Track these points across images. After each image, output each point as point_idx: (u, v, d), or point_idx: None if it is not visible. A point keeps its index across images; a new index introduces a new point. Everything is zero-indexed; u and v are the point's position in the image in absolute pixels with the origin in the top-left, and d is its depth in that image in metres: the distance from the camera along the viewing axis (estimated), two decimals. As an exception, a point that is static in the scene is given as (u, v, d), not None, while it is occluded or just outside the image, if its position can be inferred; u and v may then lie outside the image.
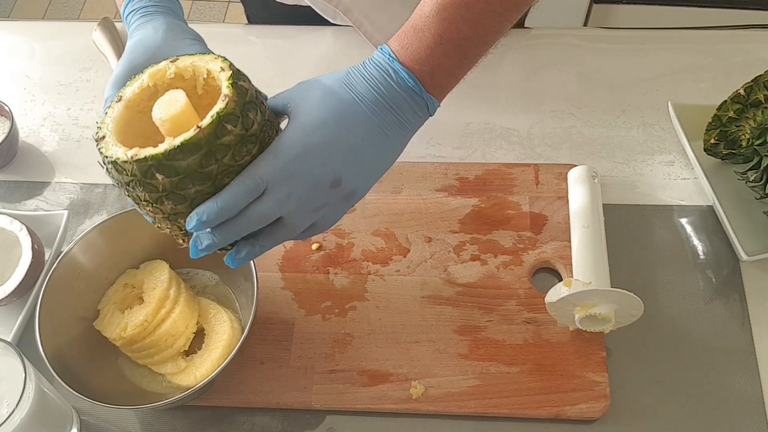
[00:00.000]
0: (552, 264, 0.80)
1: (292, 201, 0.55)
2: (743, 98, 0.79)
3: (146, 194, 0.55)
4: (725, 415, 0.71)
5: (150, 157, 0.51)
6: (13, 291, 0.76)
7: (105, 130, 0.55)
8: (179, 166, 0.52)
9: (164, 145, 0.52)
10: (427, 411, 0.72)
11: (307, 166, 0.55)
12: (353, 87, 0.57)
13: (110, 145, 0.54)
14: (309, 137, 0.55)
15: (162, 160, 0.51)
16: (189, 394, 0.66)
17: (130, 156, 0.52)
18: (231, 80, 0.54)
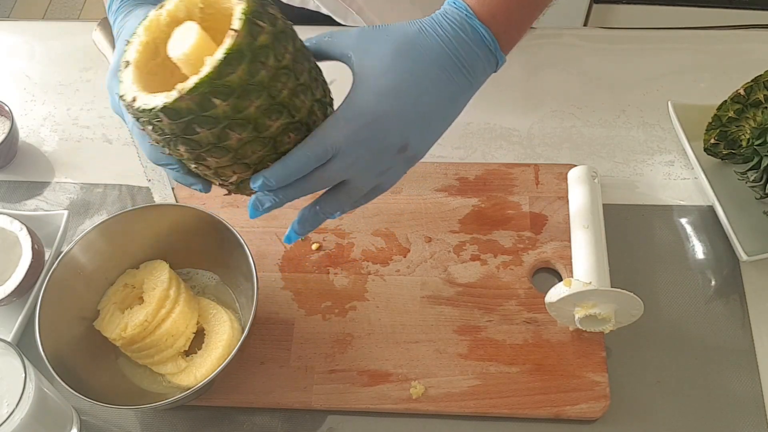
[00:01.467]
0: (552, 264, 0.80)
1: (359, 165, 0.54)
2: (743, 98, 0.79)
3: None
4: (725, 415, 0.71)
5: (200, 83, 0.47)
6: (13, 291, 0.76)
7: (132, 92, 0.51)
8: (163, 127, 0.49)
9: (153, 100, 0.49)
10: (427, 411, 0.72)
11: (378, 133, 0.53)
12: (427, 47, 0.53)
13: (148, 97, 0.49)
14: (381, 103, 0.52)
15: (214, 80, 0.47)
16: (189, 394, 0.66)
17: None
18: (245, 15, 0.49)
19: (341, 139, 0.52)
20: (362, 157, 0.53)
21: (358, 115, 0.52)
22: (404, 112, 0.53)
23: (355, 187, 0.56)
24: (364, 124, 0.52)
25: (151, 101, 0.49)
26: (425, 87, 0.54)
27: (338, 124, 0.52)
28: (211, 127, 0.49)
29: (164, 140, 0.51)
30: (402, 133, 0.54)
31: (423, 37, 0.54)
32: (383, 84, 0.53)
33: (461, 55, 0.54)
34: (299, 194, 0.54)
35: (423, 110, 0.54)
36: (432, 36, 0.54)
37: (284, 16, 0.52)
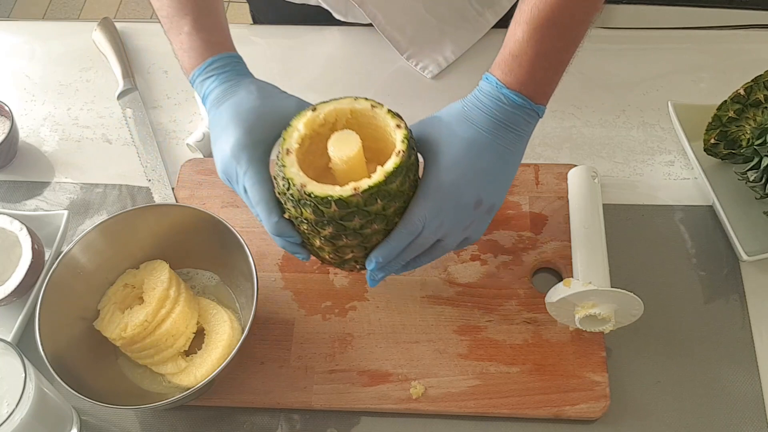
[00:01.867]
0: (552, 264, 0.80)
1: (445, 227, 0.64)
2: (743, 98, 0.79)
3: (293, 210, 0.63)
4: (725, 415, 0.71)
5: (372, 186, 0.60)
6: (13, 291, 0.76)
7: (301, 178, 0.61)
8: (326, 212, 0.61)
9: (326, 189, 0.60)
10: (427, 411, 0.72)
11: (452, 198, 0.63)
12: (473, 120, 0.64)
13: (319, 186, 0.60)
14: (449, 175, 0.63)
15: (382, 186, 0.60)
16: (189, 394, 0.66)
17: (300, 184, 0.60)
18: (407, 141, 0.61)
19: (425, 213, 0.63)
20: (446, 220, 0.64)
21: (434, 190, 0.63)
22: (467, 176, 0.63)
23: (446, 244, 0.66)
24: (440, 196, 0.63)
25: (324, 190, 0.60)
26: (480, 152, 0.64)
27: (419, 202, 0.63)
28: (363, 218, 0.61)
29: (316, 220, 0.62)
30: (471, 192, 0.64)
31: (468, 113, 0.65)
32: (446, 161, 0.63)
33: (502, 119, 0.64)
34: (403, 262, 0.66)
35: (484, 169, 0.64)
36: (475, 111, 0.64)
37: None
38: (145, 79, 1.00)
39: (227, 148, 0.65)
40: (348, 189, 0.60)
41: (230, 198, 0.86)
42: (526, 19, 0.63)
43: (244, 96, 0.67)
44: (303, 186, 0.61)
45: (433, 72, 0.97)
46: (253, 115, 0.65)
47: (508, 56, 0.64)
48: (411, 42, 0.97)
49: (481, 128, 0.64)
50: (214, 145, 0.67)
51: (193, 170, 0.89)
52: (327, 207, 0.60)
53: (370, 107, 0.64)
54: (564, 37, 0.64)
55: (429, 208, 0.63)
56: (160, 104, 0.97)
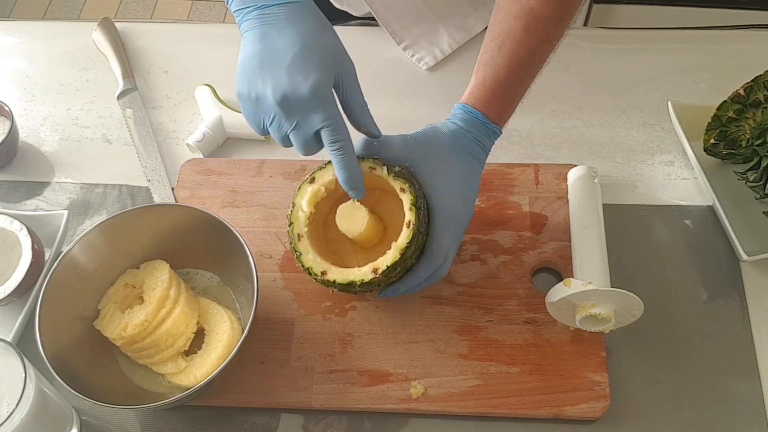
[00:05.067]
0: (552, 264, 0.80)
1: (452, 253, 0.72)
2: (743, 98, 0.79)
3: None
4: (725, 415, 0.71)
5: (391, 266, 0.67)
6: (13, 291, 0.76)
7: (320, 266, 0.69)
8: (352, 290, 0.69)
9: (348, 274, 0.68)
10: (427, 411, 0.72)
11: (462, 223, 0.72)
12: (467, 148, 0.72)
13: (339, 272, 0.68)
14: (455, 203, 0.70)
15: (398, 262, 0.67)
16: (189, 394, 0.66)
17: (320, 273, 0.68)
18: (414, 208, 0.67)
19: (448, 244, 0.70)
20: (454, 247, 0.72)
21: (449, 221, 0.69)
22: (468, 201, 0.72)
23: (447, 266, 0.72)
24: (454, 224, 0.70)
25: (345, 277, 0.67)
26: (473, 175, 0.72)
27: (443, 238, 0.69)
28: (387, 282, 0.69)
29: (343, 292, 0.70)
30: (469, 213, 0.72)
31: (461, 141, 0.72)
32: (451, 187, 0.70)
33: (486, 145, 0.74)
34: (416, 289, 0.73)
35: (474, 189, 0.73)
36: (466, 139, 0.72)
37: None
38: (145, 79, 1.00)
39: (305, 83, 0.60)
40: (367, 273, 0.67)
41: (230, 198, 0.86)
42: (505, 61, 0.70)
43: (316, 28, 0.63)
44: (324, 274, 0.67)
45: (429, 64, 0.97)
46: (329, 55, 0.63)
47: (489, 93, 0.72)
48: (408, 32, 0.97)
49: (473, 155, 0.72)
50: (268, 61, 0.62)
51: (193, 170, 0.89)
52: (351, 288, 0.68)
53: (368, 170, 0.68)
54: (534, 75, 0.73)
55: (450, 239, 0.69)
56: (160, 104, 0.97)
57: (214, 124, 0.91)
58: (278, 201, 0.85)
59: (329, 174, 0.69)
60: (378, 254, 0.68)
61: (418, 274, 0.70)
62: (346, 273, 0.67)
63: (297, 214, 0.69)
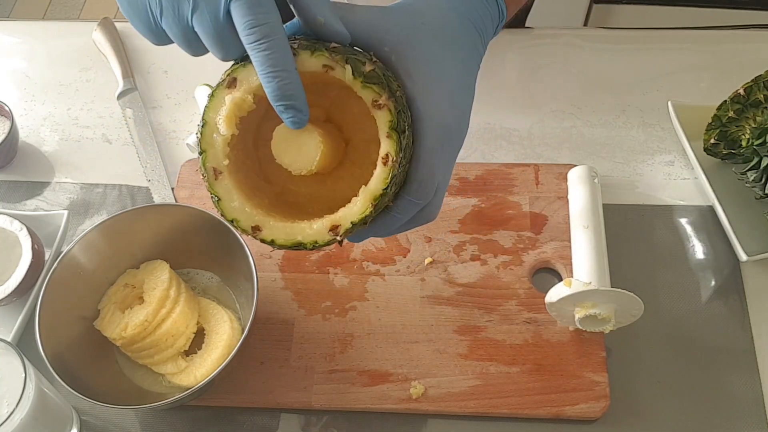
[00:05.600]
0: (552, 264, 0.80)
1: (445, 184, 0.52)
2: (743, 98, 0.79)
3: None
4: (725, 415, 0.71)
5: (359, 221, 0.45)
6: (13, 291, 0.76)
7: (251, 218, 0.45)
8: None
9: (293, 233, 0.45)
10: (427, 411, 0.72)
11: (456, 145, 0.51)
12: (467, 29, 0.50)
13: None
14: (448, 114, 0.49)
15: (370, 216, 0.45)
16: (189, 394, 0.66)
17: (251, 228, 0.46)
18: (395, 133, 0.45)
19: (439, 173, 0.49)
20: (448, 177, 0.52)
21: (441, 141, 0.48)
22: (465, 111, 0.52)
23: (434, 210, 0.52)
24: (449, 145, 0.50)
25: (290, 235, 0.45)
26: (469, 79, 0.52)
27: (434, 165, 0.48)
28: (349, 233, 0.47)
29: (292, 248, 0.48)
30: (464, 130, 0.52)
31: (450, 13, 0.51)
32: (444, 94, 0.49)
33: (481, 28, 0.52)
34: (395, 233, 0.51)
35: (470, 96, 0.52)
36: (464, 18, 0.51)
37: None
38: (145, 79, 1.00)
39: None
40: (323, 232, 0.45)
41: (230, 198, 0.86)
42: None
43: None
44: (256, 231, 0.46)
45: None
46: None
47: None
48: None
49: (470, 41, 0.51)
50: None
51: (193, 170, 0.89)
52: (300, 248, 0.46)
53: (322, 70, 0.44)
54: None
55: (442, 164, 0.49)
56: (160, 104, 0.97)
57: (214, 124, 0.91)
58: (278, 201, 0.85)
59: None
60: (336, 183, 0.48)
61: (397, 213, 0.48)
62: (291, 230, 0.45)
63: (210, 139, 0.46)
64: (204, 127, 0.46)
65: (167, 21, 0.44)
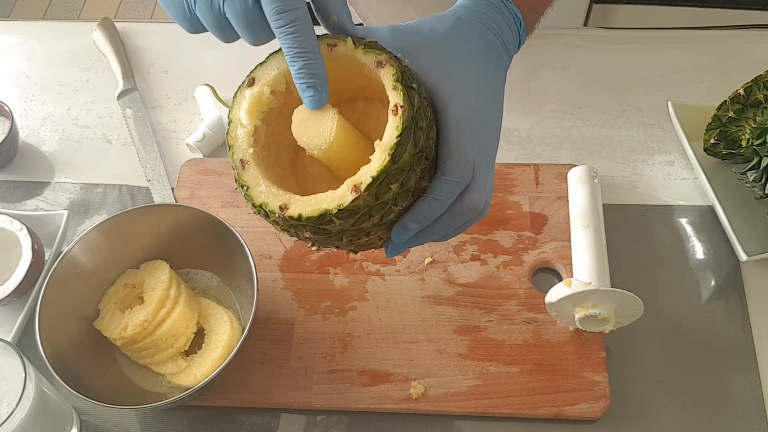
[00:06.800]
0: (552, 264, 0.80)
1: (491, 171, 0.51)
2: (743, 98, 0.79)
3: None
4: (725, 415, 0.71)
5: (378, 176, 0.44)
6: (13, 291, 0.76)
7: (276, 198, 0.46)
8: (331, 228, 0.46)
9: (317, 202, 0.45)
10: (427, 411, 0.72)
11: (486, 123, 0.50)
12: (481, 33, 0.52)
13: (304, 202, 0.45)
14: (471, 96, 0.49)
15: (390, 169, 0.44)
16: (189, 394, 0.66)
17: (279, 208, 0.45)
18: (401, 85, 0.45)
19: (477, 149, 0.48)
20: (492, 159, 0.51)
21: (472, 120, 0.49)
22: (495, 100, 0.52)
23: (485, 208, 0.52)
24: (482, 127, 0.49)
25: (315, 206, 0.44)
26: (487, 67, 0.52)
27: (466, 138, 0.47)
28: (380, 210, 0.46)
29: (322, 239, 0.48)
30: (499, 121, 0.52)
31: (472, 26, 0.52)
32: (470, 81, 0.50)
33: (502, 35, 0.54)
34: (441, 232, 0.50)
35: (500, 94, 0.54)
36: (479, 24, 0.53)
37: None
38: (145, 79, 1.00)
39: None
40: (345, 194, 0.44)
41: (230, 198, 0.86)
42: None
43: None
44: (284, 209, 0.45)
45: None
46: None
47: None
48: None
49: (487, 40, 0.52)
50: None
51: (193, 170, 0.89)
52: (328, 224, 0.45)
53: (327, 49, 0.47)
54: None
55: (475, 141, 0.47)
56: (160, 104, 0.97)
57: (214, 124, 0.91)
58: (278, 201, 0.85)
59: (274, 68, 0.48)
60: None
61: (436, 195, 0.47)
62: (315, 201, 0.45)
63: (235, 134, 0.48)
64: (229, 125, 0.48)
65: (201, 9, 0.46)
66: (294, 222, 0.45)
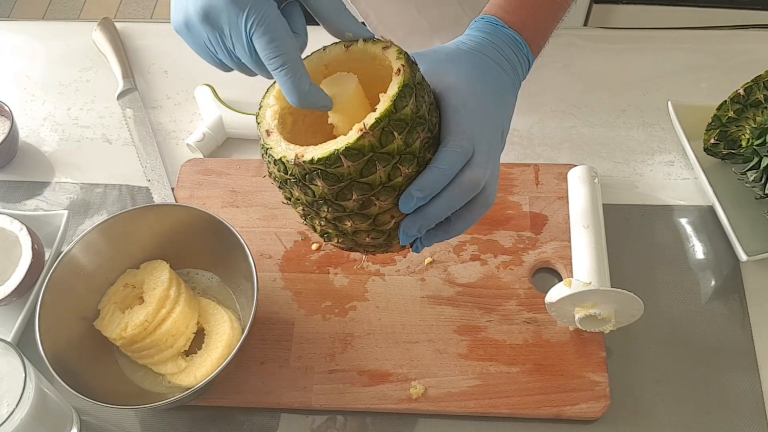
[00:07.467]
0: (552, 264, 0.80)
1: (492, 156, 0.55)
2: (743, 98, 0.79)
3: (304, 196, 0.53)
4: (725, 415, 0.71)
5: (382, 117, 0.49)
6: (13, 291, 0.76)
7: (292, 150, 0.51)
8: (340, 173, 0.49)
9: (328, 145, 0.49)
10: (427, 411, 0.72)
11: (489, 118, 0.55)
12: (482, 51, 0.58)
13: (318, 148, 0.50)
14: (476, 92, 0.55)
15: (392, 114, 0.49)
16: (189, 394, 0.66)
17: (295, 156, 0.50)
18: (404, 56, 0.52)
19: (471, 126, 0.53)
20: (492, 144, 0.55)
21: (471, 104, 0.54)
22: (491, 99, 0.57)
23: (490, 193, 0.55)
24: (479, 110, 0.54)
25: (327, 147, 0.49)
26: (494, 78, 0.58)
27: (462, 115, 0.53)
28: (385, 163, 0.50)
29: (335, 192, 0.51)
30: (498, 121, 0.57)
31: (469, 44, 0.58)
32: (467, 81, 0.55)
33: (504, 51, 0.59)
34: (446, 209, 0.53)
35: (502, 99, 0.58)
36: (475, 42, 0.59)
37: None
38: (145, 79, 1.00)
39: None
40: (353, 133, 0.49)
41: (230, 198, 0.86)
42: None
43: None
44: (300, 156, 0.50)
45: None
46: None
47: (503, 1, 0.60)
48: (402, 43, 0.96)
49: (490, 57, 0.58)
50: None
51: (193, 170, 0.89)
52: (339, 166, 0.49)
53: (344, 49, 0.54)
54: None
55: (473, 122, 0.53)
56: (160, 104, 0.97)
57: (214, 124, 0.91)
58: (278, 201, 0.85)
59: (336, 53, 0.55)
60: None
61: (437, 163, 0.51)
62: (327, 146, 0.49)
63: (264, 113, 0.55)
64: (259, 109, 0.55)
65: (222, 55, 0.54)
66: (307, 167, 0.50)
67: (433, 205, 0.53)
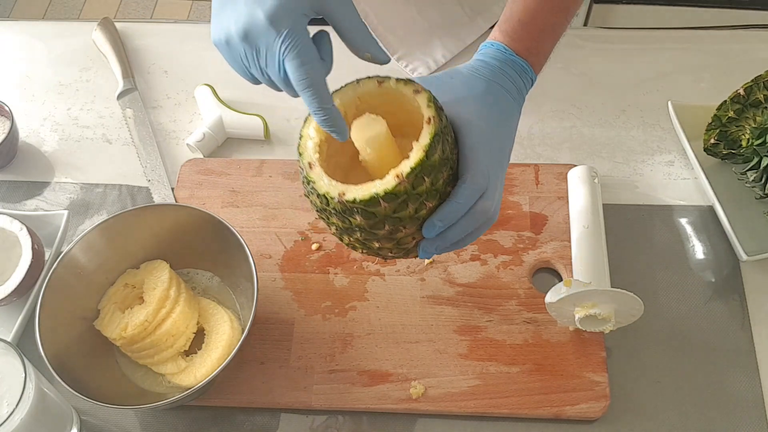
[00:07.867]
0: (552, 264, 0.80)
1: (500, 186, 0.62)
2: (743, 98, 0.79)
3: (341, 224, 0.60)
4: (725, 415, 0.71)
5: (416, 166, 0.55)
6: (13, 291, 0.76)
7: (336, 187, 0.57)
8: (377, 212, 0.56)
9: (368, 188, 0.56)
10: (427, 411, 0.72)
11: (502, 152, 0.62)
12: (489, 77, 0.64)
13: (358, 189, 0.57)
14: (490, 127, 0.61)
15: (425, 163, 0.56)
16: (189, 394, 0.66)
17: (338, 194, 0.56)
18: (433, 104, 0.58)
19: (488, 165, 0.59)
20: (501, 176, 0.62)
21: (486, 142, 0.60)
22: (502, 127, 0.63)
23: (494, 212, 0.62)
24: (495, 147, 0.61)
25: (367, 191, 0.56)
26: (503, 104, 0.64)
27: (480, 155, 0.59)
28: (415, 202, 0.57)
29: (369, 224, 0.58)
30: (508, 145, 0.64)
31: (479, 70, 0.64)
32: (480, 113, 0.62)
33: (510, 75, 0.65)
34: (461, 233, 0.60)
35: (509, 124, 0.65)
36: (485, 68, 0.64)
37: None
38: (145, 79, 1.00)
39: (260, 10, 0.55)
40: (390, 179, 0.56)
41: (230, 198, 0.86)
42: None
43: None
44: (342, 195, 0.57)
45: (422, 73, 0.96)
46: None
47: (516, 23, 0.66)
48: (402, 43, 0.97)
49: (498, 83, 0.64)
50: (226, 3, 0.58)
51: (193, 170, 0.89)
52: (376, 206, 0.56)
53: (377, 84, 0.61)
54: (566, 12, 0.68)
55: (488, 157, 0.60)
56: (160, 104, 0.97)
57: (214, 124, 0.91)
58: (278, 201, 0.85)
59: (336, 99, 0.61)
60: None
61: (456, 198, 0.58)
62: (367, 188, 0.56)
63: (305, 144, 0.60)
64: (300, 139, 0.61)
65: (255, 71, 0.59)
66: (349, 205, 0.57)
67: (451, 230, 0.60)
